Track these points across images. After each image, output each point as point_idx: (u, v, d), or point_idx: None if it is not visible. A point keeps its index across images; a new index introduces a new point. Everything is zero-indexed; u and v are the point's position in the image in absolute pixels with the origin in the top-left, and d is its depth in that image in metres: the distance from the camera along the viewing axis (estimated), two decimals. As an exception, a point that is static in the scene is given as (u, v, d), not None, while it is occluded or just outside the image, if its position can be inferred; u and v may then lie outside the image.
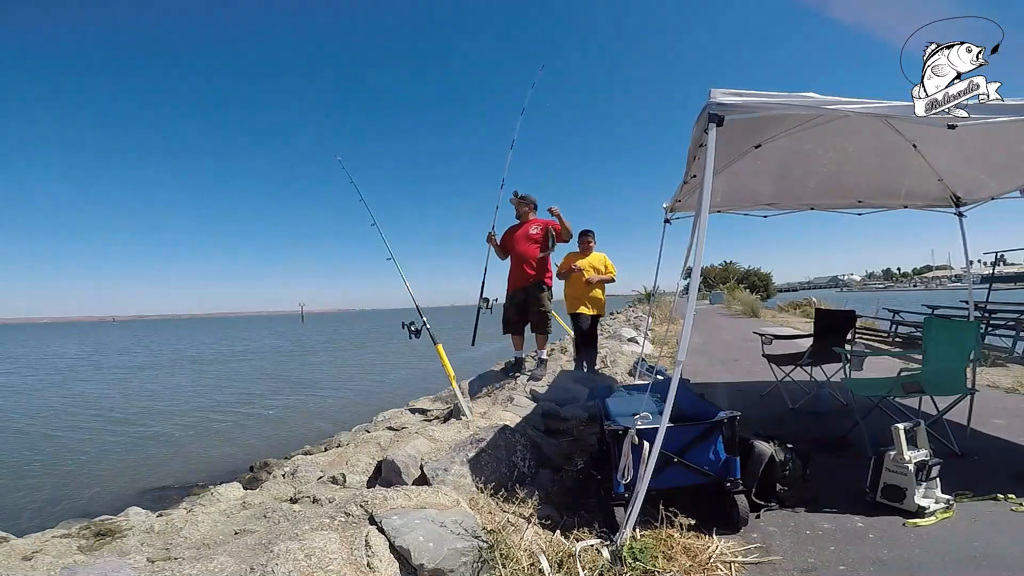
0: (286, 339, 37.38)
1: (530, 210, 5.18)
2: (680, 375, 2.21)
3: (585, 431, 3.79)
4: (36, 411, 10.64)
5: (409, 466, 2.88)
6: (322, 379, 14.81)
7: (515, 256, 5.05)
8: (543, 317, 5.06)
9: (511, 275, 5.15)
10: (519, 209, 5.16)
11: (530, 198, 5.19)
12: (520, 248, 5.00)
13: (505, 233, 5.22)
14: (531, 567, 1.91)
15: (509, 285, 5.18)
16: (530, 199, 5.18)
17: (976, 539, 2.10)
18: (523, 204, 5.14)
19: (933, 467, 2.36)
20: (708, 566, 1.96)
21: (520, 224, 5.13)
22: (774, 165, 4.09)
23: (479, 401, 4.75)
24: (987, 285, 9.18)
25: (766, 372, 4.84)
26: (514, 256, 5.07)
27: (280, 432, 8.19)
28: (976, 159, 3.87)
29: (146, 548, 2.21)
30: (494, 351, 12.97)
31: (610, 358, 7.23)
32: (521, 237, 5.03)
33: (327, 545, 1.75)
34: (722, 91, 2.26)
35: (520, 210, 5.16)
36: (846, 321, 4.83)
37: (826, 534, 2.21)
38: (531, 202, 5.18)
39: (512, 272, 5.14)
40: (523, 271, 5.00)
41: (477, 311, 5.14)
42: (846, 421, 3.64)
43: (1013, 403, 4.37)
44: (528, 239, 5.00)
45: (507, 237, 5.16)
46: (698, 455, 2.32)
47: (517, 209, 5.17)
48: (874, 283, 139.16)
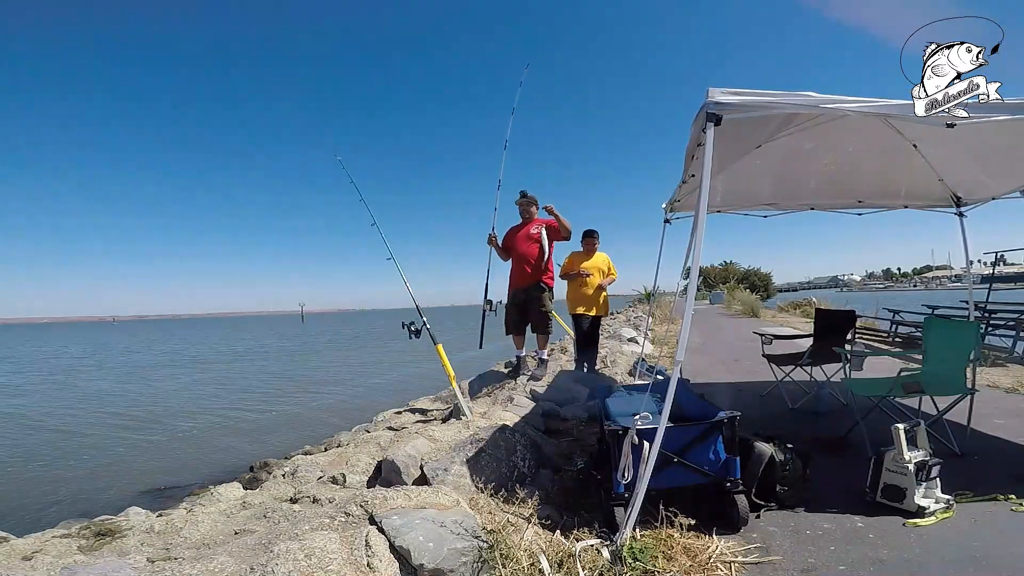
0: (286, 339, 37.40)
1: (536, 210, 5.19)
2: (680, 375, 2.22)
3: (585, 431, 3.79)
4: (36, 411, 10.64)
5: (409, 466, 2.88)
6: (322, 379, 14.81)
7: (516, 256, 5.07)
8: (544, 317, 5.08)
9: (512, 275, 5.16)
10: (527, 209, 5.14)
11: (533, 198, 5.18)
12: (521, 248, 5.02)
13: (507, 233, 5.23)
14: (531, 567, 1.91)
15: (510, 285, 5.19)
16: (534, 199, 5.18)
17: (976, 539, 2.10)
18: (529, 204, 5.14)
19: (933, 467, 2.36)
20: (708, 566, 1.96)
21: (523, 224, 5.13)
22: (774, 165, 4.09)
23: (479, 401, 4.75)
24: (987, 285, 9.18)
25: (766, 372, 4.84)
26: (515, 256, 5.08)
27: (280, 432, 8.19)
28: (976, 159, 3.87)
29: (146, 548, 2.21)
30: (494, 351, 12.97)
31: (610, 358, 7.23)
32: (522, 237, 5.04)
33: (327, 545, 1.75)
34: (720, 90, 2.26)
35: (528, 210, 5.15)
36: (846, 321, 4.83)
37: (826, 534, 2.21)
38: (535, 202, 5.18)
39: (513, 272, 5.15)
40: (523, 271, 5.01)
41: (483, 313, 5.14)
42: (846, 421, 3.64)
43: (1013, 403, 4.37)
44: (529, 239, 5.02)
45: (509, 237, 5.17)
46: (698, 455, 2.31)
47: (524, 209, 5.15)
48: (874, 283, 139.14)
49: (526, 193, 5.14)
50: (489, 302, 5.14)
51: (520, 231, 5.08)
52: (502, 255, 5.19)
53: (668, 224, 4.96)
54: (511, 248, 5.12)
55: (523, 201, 5.12)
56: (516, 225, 5.21)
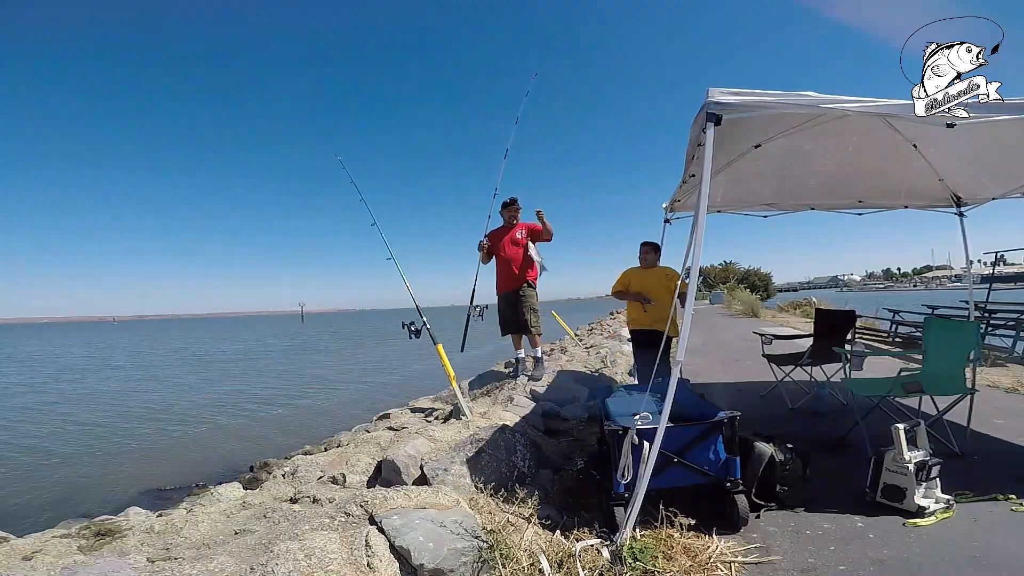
0: (286, 339, 37.39)
1: (517, 214, 5.25)
2: (680, 375, 2.22)
3: (585, 431, 3.79)
4: (36, 411, 10.64)
5: (409, 466, 2.88)
6: (322, 379, 14.80)
7: (502, 260, 5.15)
8: (533, 314, 5.16)
9: (500, 278, 5.24)
10: (514, 215, 5.21)
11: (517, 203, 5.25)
12: (508, 252, 5.12)
13: (491, 236, 5.27)
14: (531, 567, 1.91)
15: (499, 287, 5.27)
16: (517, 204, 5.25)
17: (976, 539, 2.10)
18: (518, 211, 5.21)
19: (933, 467, 2.36)
20: (708, 566, 1.96)
21: (507, 228, 5.20)
22: (774, 165, 4.09)
23: (479, 401, 4.75)
24: (987, 285, 9.18)
25: (766, 372, 4.84)
26: (501, 260, 5.16)
27: (280, 432, 8.19)
28: (976, 159, 3.87)
29: (146, 548, 2.21)
30: (494, 351, 12.98)
31: (610, 358, 7.24)
32: (508, 242, 5.13)
33: (327, 545, 1.75)
34: (720, 90, 2.26)
35: (516, 216, 5.21)
36: (846, 321, 4.83)
37: (826, 534, 2.21)
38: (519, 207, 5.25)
39: (501, 275, 5.23)
40: (512, 273, 5.11)
41: (467, 318, 5.24)
42: (846, 421, 3.64)
43: (1013, 403, 4.36)
44: (514, 243, 5.11)
45: (493, 241, 5.22)
46: (698, 455, 2.32)
47: (513, 215, 5.21)
48: (874, 283, 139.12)
49: (516, 200, 5.19)
50: (476, 307, 5.25)
51: (506, 235, 5.14)
52: (484, 258, 5.25)
53: (668, 224, 4.95)
54: (496, 252, 5.19)
55: (514, 208, 5.17)
56: (499, 228, 5.26)
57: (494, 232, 5.24)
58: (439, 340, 4.44)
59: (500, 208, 5.19)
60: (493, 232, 5.25)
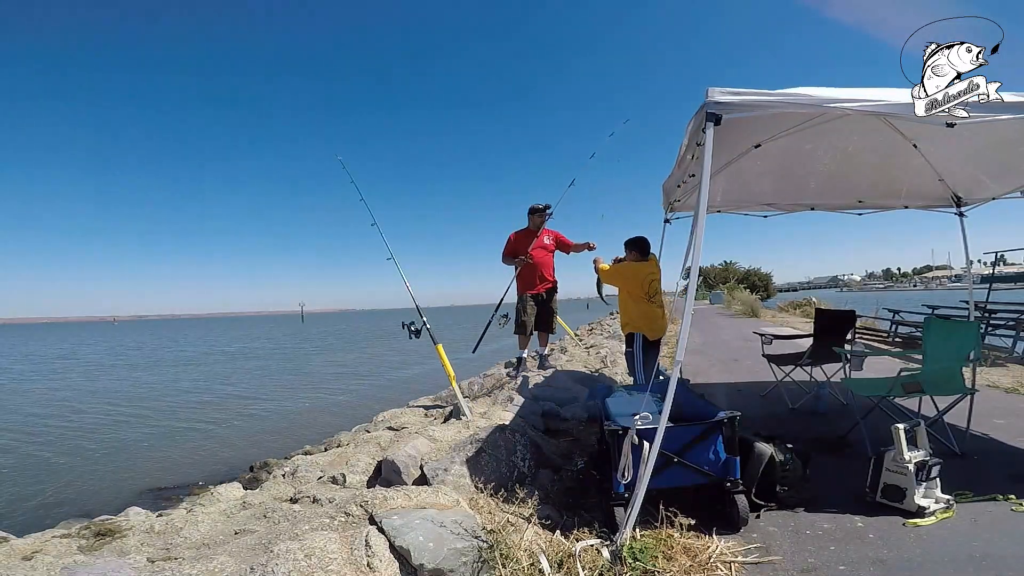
0: (286, 339, 37.39)
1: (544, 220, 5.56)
2: (679, 375, 2.22)
3: (585, 431, 3.79)
4: (35, 411, 10.64)
5: (409, 466, 2.88)
6: (322, 379, 14.80)
7: (534, 264, 5.44)
8: (553, 316, 5.59)
9: (529, 280, 5.45)
10: (540, 220, 5.48)
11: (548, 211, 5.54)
12: (539, 257, 5.45)
13: (518, 238, 5.51)
14: (531, 567, 1.91)
15: (527, 288, 5.45)
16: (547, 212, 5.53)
17: (976, 539, 2.10)
18: (542, 215, 5.51)
19: (933, 467, 2.36)
20: (708, 566, 1.96)
21: (536, 232, 5.47)
22: (774, 165, 4.09)
23: (479, 401, 4.75)
24: (987, 285, 9.17)
25: (766, 372, 4.84)
26: (533, 264, 5.44)
27: (280, 432, 8.18)
28: (977, 159, 3.86)
29: (146, 548, 2.21)
30: (494, 351, 12.98)
31: (610, 358, 7.24)
32: (538, 247, 5.45)
33: (327, 545, 1.75)
34: (720, 90, 2.26)
35: (540, 220, 5.48)
36: (846, 321, 4.82)
37: (826, 534, 2.21)
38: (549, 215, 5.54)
39: (530, 277, 5.45)
40: (544, 277, 5.47)
41: (488, 322, 5.45)
42: (846, 421, 3.64)
43: (1013, 403, 4.36)
44: (545, 249, 5.49)
45: (522, 245, 5.45)
46: (698, 455, 2.31)
47: (539, 220, 5.48)
48: (874, 283, 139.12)
49: (549, 207, 5.48)
50: (504, 316, 5.46)
51: (536, 240, 5.43)
52: (509, 260, 5.48)
53: (668, 224, 4.95)
54: (525, 254, 5.42)
55: (543, 215, 5.45)
56: (525, 230, 5.50)
57: (519, 234, 5.53)
58: (439, 340, 4.44)
59: (529, 212, 5.50)
60: (518, 234, 5.54)
